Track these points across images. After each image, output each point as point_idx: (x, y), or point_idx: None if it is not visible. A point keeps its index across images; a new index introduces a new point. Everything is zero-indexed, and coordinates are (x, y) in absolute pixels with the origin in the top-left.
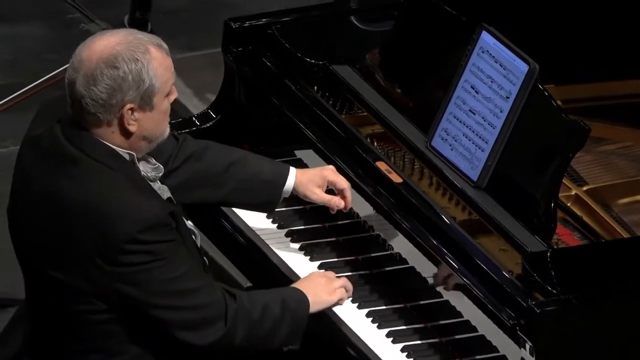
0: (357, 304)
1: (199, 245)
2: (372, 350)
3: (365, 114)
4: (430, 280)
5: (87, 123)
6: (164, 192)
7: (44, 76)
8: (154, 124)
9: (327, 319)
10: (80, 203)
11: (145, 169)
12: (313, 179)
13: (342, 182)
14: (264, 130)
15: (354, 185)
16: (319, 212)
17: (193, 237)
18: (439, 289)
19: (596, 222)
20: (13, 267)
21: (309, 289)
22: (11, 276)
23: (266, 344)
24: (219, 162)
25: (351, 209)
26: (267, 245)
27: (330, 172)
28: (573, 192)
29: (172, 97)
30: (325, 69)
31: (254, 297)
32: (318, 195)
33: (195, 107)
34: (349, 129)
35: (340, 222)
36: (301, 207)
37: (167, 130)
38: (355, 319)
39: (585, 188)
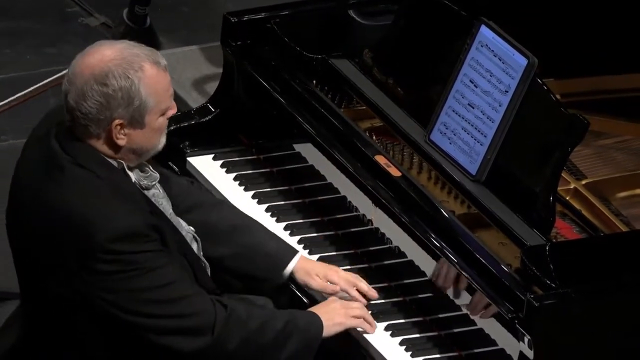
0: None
1: (197, 252)
2: (370, 344)
3: (364, 107)
4: (430, 276)
5: (80, 132)
6: (159, 198)
7: (42, 70)
8: (145, 140)
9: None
10: (63, 209)
11: (138, 177)
12: (315, 270)
13: (343, 283)
14: (262, 124)
15: (354, 180)
16: (317, 205)
17: (192, 244)
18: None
19: (595, 216)
20: (11, 261)
21: (322, 312)
22: (9, 270)
23: (269, 356)
24: (227, 221)
25: (350, 202)
26: None
27: (333, 272)
28: (572, 186)
29: (170, 113)
30: (324, 62)
31: (254, 310)
32: (319, 283)
33: (195, 101)
34: (347, 122)
35: (339, 216)
36: (299, 200)
37: (161, 144)
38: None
39: (584, 182)
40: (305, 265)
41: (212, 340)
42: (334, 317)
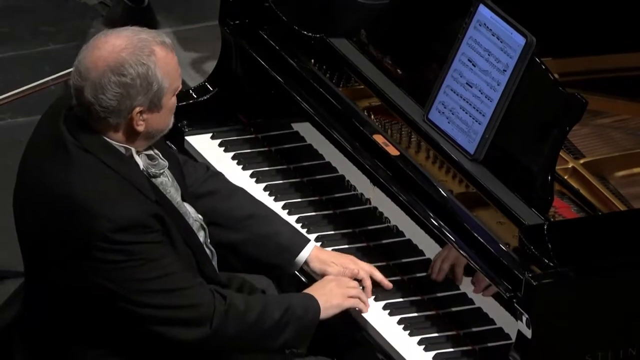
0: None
1: (203, 241)
2: (368, 322)
3: (363, 87)
4: (428, 255)
5: (93, 123)
6: (167, 186)
7: (39, 49)
8: (161, 121)
9: None
10: (66, 195)
11: (146, 164)
12: (331, 258)
13: (362, 273)
14: (261, 103)
15: (352, 159)
16: (315, 184)
17: (199, 233)
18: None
19: (593, 195)
20: (11, 241)
21: (320, 294)
22: (9, 249)
23: (264, 345)
24: (241, 209)
25: (348, 181)
26: None
27: (350, 261)
28: (570, 165)
29: (178, 90)
30: (323, 42)
31: (252, 300)
32: (337, 269)
33: (193, 79)
34: (346, 101)
35: (337, 195)
36: (298, 179)
37: (171, 123)
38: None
39: (582, 161)
40: (320, 254)
41: (209, 332)
42: (331, 299)
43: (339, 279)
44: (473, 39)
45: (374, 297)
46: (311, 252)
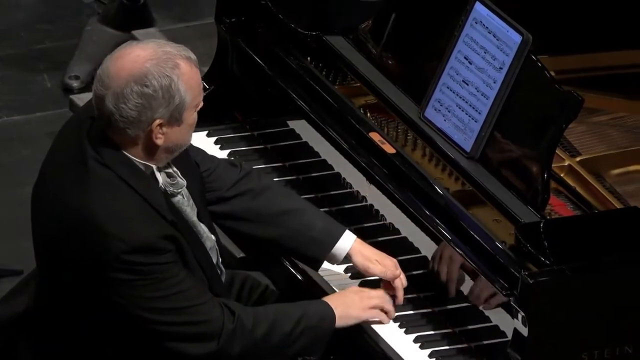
0: (349, 274)
1: (215, 261)
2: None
3: (359, 84)
4: (424, 252)
5: (114, 133)
6: (183, 205)
7: (35, 46)
8: (181, 136)
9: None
10: (79, 210)
11: (165, 182)
12: (374, 256)
13: (398, 281)
14: (257, 100)
15: (348, 157)
16: (311, 182)
17: (212, 252)
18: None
19: (589, 193)
20: (12, 238)
21: (339, 304)
22: (10, 247)
23: (276, 356)
24: (273, 206)
25: (344, 179)
26: None
27: (393, 265)
28: (566, 163)
29: (199, 106)
30: (319, 39)
31: (262, 314)
32: (380, 269)
33: None
34: (342, 99)
35: (333, 192)
36: (294, 177)
37: (190, 139)
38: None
39: (578, 159)
40: (363, 250)
41: (217, 348)
42: (349, 309)
43: (363, 291)
44: (469, 36)
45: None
46: (353, 245)
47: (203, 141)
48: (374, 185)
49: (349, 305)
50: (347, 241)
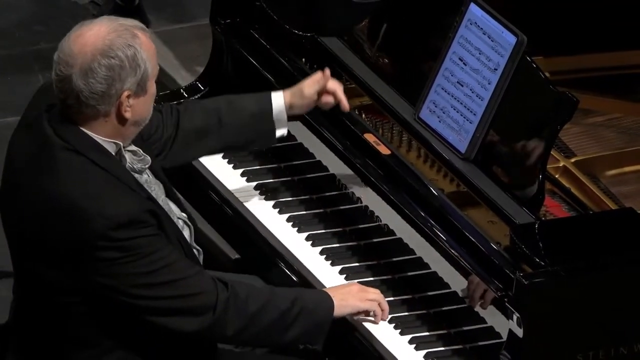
0: (344, 275)
1: (189, 239)
2: (358, 322)
3: (353, 86)
4: (419, 253)
5: (81, 115)
6: (151, 184)
7: (31, 48)
8: (145, 108)
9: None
10: (57, 198)
11: (132, 160)
12: (307, 89)
13: (334, 85)
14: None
15: (343, 158)
16: (306, 183)
17: (184, 231)
18: (430, 264)
19: (584, 194)
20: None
21: (337, 292)
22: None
23: (274, 338)
24: (208, 115)
25: (339, 180)
26: (255, 216)
27: (319, 75)
28: (561, 164)
29: (156, 76)
30: (313, 40)
31: (256, 289)
32: (315, 90)
33: (184, 79)
34: None
35: (327, 194)
36: (288, 178)
37: (152, 111)
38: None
39: (573, 160)
40: (293, 94)
41: (212, 320)
42: (347, 298)
43: (361, 285)
44: (464, 37)
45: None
46: (284, 99)
47: None
48: (369, 187)
49: (347, 294)
50: (278, 98)
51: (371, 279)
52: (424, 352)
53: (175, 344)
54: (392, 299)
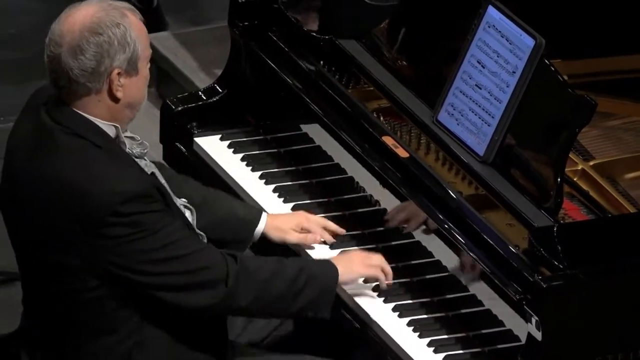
0: (363, 279)
1: (192, 223)
2: (377, 324)
3: (372, 88)
4: (439, 258)
5: (74, 95)
6: (151, 168)
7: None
8: (138, 89)
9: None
10: (61, 179)
11: (130, 145)
12: (287, 224)
13: (315, 227)
14: (270, 104)
15: (361, 161)
16: (324, 186)
17: (185, 213)
18: (448, 267)
19: (602, 197)
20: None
21: (341, 260)
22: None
23: (284, 306)
24: (196, 194)
25: (357, 183)
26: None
27: (303, 219)
28: (579, 167)
29: (149, 58)
30: (332, 43)
31: (263, 259)
32: (296, 236)
33: (202, 81)
34: (355, 103)
35: (346, 197)
36: (307, 181)
37: (146, 95)
38: (371, 303)
39: (591, 163)
40: (274, 222)
41: (226, 292)
42: (351, 265)
43: (364, 253)
44: (482, 40)
45: (383, 298)
46: (266, 222)
47: (216, 145)
48: (387, 190)
49: (350, 261)
50: (264, 220)
51: (390, 281)
52: (442, 354)
53: (190, 331)
54: (410, 301)
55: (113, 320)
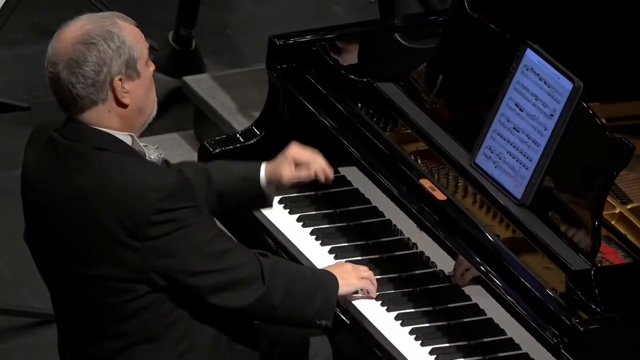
0: (399, 322)
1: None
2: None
3: (409, 131)
4: (475, 299)
5: (83, 111)
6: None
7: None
8: (144, 92)
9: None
10: (98, 191)
11: (148, 152)
12: (281, 163)
13: (305, 156)
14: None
15: (399, 203)
16: (362, 228)
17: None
18: (483, 307)
19: None
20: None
21: (336, 271)
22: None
23: (302, 310)
24: (200, 176)
25: (394, 225)
26: (311, 262)
27: (292, 150)
28: (617, 210)
29: (152, 68)
30: (369, 86)
31: (284, 260)
32: (291, 173)
33: (240, 123)
34: (392, 146)
35: (383, 239)
36: (344, 223)
37: (156, 101)
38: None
39: (629, 206)
40: (271, 166)
41: (264, 288)
42: (347, 276)
43: (354, 265)
44: (520, 83)
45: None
46: (265, 169)
47: None
48: (424, 233)
49: (345, 272)
50: (263, 169)
51: (427, 325)
52: None
53: (228, 339)
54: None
55: (157, 328)
